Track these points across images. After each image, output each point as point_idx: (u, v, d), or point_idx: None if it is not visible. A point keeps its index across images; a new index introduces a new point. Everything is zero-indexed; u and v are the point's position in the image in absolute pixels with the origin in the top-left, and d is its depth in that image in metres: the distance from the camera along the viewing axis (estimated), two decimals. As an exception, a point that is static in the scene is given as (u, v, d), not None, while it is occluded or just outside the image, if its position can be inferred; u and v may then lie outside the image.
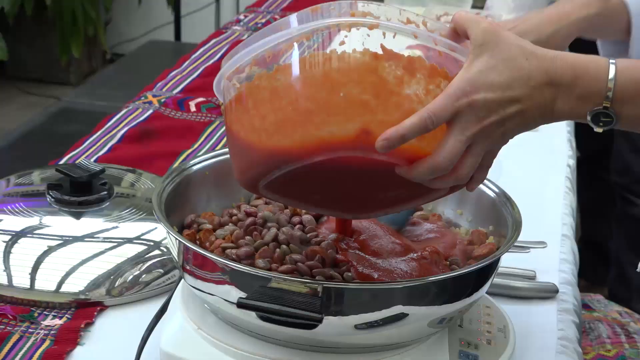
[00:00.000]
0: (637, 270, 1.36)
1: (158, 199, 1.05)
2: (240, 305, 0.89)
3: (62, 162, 1.59)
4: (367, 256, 1.04)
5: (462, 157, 0.88)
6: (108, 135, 1.70)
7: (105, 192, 1.34)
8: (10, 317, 1.13)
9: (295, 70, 0.91)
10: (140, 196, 1.42)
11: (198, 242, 1.05)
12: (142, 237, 1.30)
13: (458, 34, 0.92)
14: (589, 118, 0.89)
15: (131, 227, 1.31)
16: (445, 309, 0.99)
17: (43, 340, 1.08)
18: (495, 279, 1.20)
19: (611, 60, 0.88)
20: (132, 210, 1.34)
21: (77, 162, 1.44)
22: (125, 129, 1.73)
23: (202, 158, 1.16)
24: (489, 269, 1.01)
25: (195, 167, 1.14)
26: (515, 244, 1.23)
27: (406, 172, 0.88)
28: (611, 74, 0.87)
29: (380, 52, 0.89)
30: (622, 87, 0.87)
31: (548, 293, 1.28)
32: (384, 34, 0.91)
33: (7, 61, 4.80)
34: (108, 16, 5.36)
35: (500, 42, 0.88)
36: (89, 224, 1.31)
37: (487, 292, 1.18)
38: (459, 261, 1.07)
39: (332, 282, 0.96)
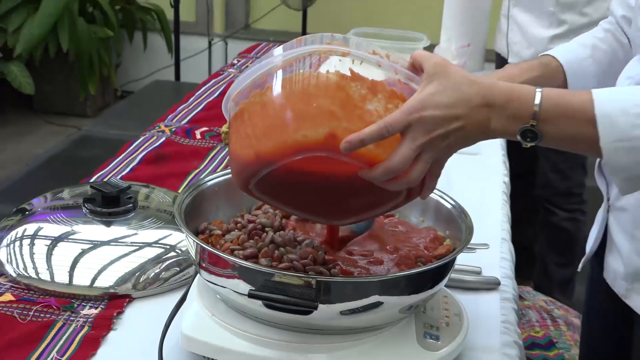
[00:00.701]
0: (578, 270, 1.38)
1: (179, 209, 1.05)
2: (251, 295, 0.91)
3: (92, 180, 1.58)
4: (349, 257, 1.05)
5: (413, 163, 0.88)
6: (129, 158, 1.70)
7: (131, 205, 1.34)
8: (55, 307, 1.13)
9: (280, 87, 0.92)
10: (157, 208, 1.41)
11: (210, 244, 1.04)
12: (160, 242, 1.30)
13: (415, 68, 0.93)
14: (518, 135, 0.89)
15: (151, 234, 1.31)
16: (413, 298, 1.00)
17: (82, 327, 1.09)
18: (452, 275, 1.20)
19: (538, 89, 0.89)
20: (152, 219, 1.34)
21: (106, 180, 1.45)
22: (143, 153, 1.73)
23: (212, 177, 1.16)
24: (447, 266, 1.03)
25: (206, 185, 1.15)
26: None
27: (366, 173, 0.89)
28: (537, 100, 0.88)
29: (349, 74, 0.90)
30: (545, 110, 0.88)
31: (492, 285, 1.29)
32: (353, 60, 0.92)
33: (33, 96, 4.79)
34: (119, 60, 5.33)
35: (448, 73, 0.89)
36: (117, 231, 1.31)
37: (449, 285, 1.19)
38: (424, 260, 1.07)
39: (324, 276, 0.96)
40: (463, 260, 1.28)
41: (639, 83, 1.11)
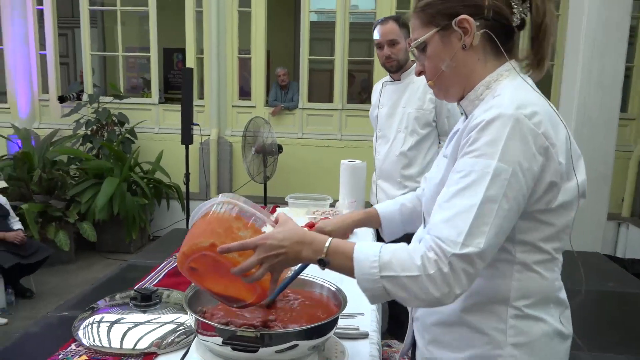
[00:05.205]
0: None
1: (185, 300, 1.13)
2: (224, 343, 0.99)
3: (136, 287, 1.57)
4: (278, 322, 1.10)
5: (257, 267, 0.93)
6: (159, 274, 1.73)
7: (157, 300, 1.39)
8: None
9: (200, 219, 1.03)
10: (172, 302, 1.43)
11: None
12: (174, 321, 1.33)
13: (276, 221, 1.00)
14: (316, 262, 0.92)
15: (169, 317, 1.34)
16: (316, 341, 1.06)
17: (128, 373, 1.12)
18: (340, 330, 1.25)
19: (329, 238, 0.93)
20: (169, 308, 1.38)
21: (140, 286, 1.49)
22: (166, 270, 1.76)
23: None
24: (335, 321, 1.10)
25: (197, 288, 1.17)
26: (349, 314, 1.30)
27: (233, 269, 0.94)
28: (327, 243, 0.92)
29: (234, 215, 1.01)
30: (330, 250, 0.91)
31: (364, 335, 1.30)
32: (238, 209, 1.01)
33: (96, 242, 4.78)
34: (151, 217, 5.38)
35: (286, 223, 0.96)
36: (149, 316, 1.34)
37: (338, 336, 1.23)
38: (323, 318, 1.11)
39: (264, 331, 1.02)
40: (349, 322, 1.33)
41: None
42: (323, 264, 0.92)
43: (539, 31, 0.94)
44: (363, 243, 0.91)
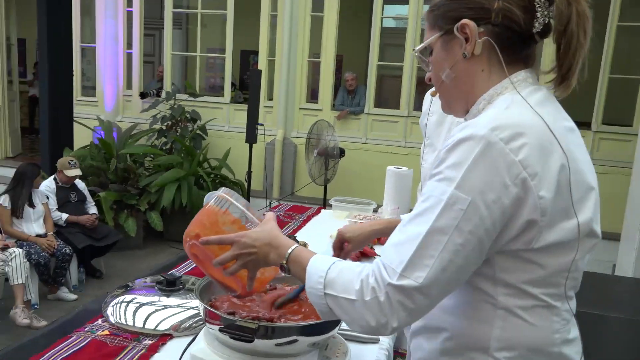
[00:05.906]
0: None
1: (197, 290, 1.16)
2: (221, 330, 1.02)
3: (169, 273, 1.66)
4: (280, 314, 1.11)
5: (232, 262, 0.94)
6: (189, 264, 1.79)
7: (181, 286, 1.46)
8: (129, 339, 1.26)
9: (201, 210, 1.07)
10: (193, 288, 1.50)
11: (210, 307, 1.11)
12: (194, 307, 1.38)
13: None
14: (280, 267, 0.91)
15: (192, 302, 1.39)
16: (316, 338, 1.07)
17: (141, 350, 1.21)
18: (349, 332, 1.24)
19: (294, 245, 0.90)
20: (191, 294, 1.42)
21: (169, 273, 1.55)
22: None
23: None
24: (337, 321, 1.07)
25: (208, 279, 1.19)
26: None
27: (213, 260, 0.97)
28: (289, 250, 0.89)
29: (224, 210, 1.03)
30: (290, 257, 0.89)
31: (375, 340, 1.30)
32: (229, 205, 1.04)
33: (164, 232, 5.04)
34: (216, 211, 5.59)
35: (266, 224, 0.95)
36: (173, 300, 1.41)
37: (346, 337, 1.22)
38: None
39: (263, 323, 1.04)
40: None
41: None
42: (285, 270, 0.91)
43: (562, 40, 0.81)
44: (321, 256, 0.88)
